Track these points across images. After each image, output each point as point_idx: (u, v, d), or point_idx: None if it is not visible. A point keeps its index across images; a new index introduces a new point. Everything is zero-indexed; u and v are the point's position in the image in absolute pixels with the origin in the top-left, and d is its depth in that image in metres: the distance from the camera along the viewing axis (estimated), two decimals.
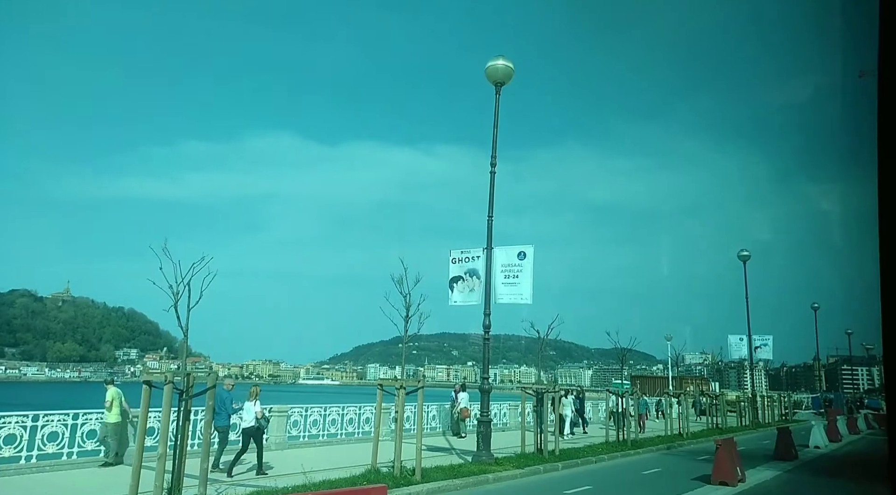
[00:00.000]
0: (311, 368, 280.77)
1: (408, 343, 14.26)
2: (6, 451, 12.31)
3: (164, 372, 9.03)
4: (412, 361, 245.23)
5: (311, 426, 18.76)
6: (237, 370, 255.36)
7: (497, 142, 17.09)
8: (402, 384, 13.15)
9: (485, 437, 15.69)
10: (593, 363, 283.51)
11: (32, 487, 10.77)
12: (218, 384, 11.41)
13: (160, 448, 8.70)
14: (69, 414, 13.50)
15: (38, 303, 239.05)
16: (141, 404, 9.00)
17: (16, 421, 12.64)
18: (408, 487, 11.73)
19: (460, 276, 17.26)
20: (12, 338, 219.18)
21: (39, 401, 56.82)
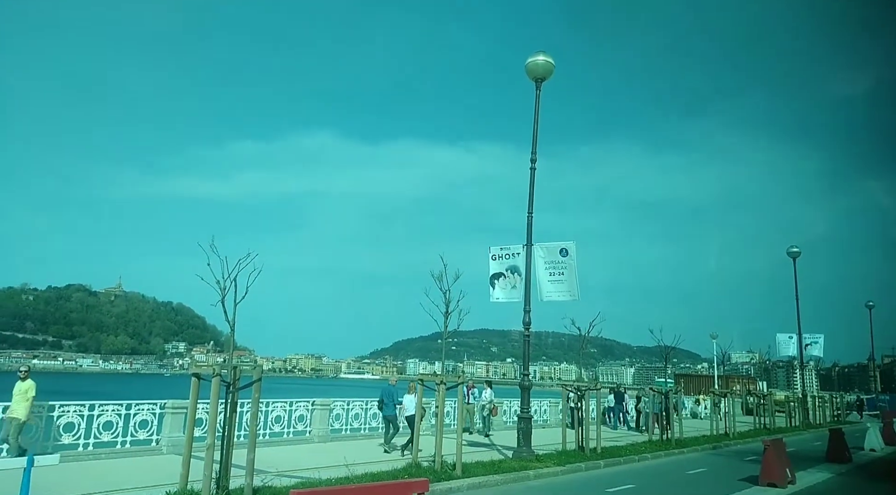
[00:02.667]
0: (351, 363, 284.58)
1: (447, 339, 14.29)
2: (66, 439, 12.89)
3: (212, 364, 9.28)
4: (451, 357, 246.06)
5: (353, 419, 19.03)
6: (280, 363, 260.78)
7: (537, 138, 16.99)
8: (442, 379, 13.21)
9: (525, 434, 15.64)
10: (635, 361, 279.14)
11: (91, 473, 11.24)
12: (386, 380, 16.17)
13: (208, 438, 8.95)
14: (122, 405, 14.03)
15: (92, 298, 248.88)
16: (190, 395, 9.28)
17: (74, 410, 13.21)
18: (448, 481, 11.79)
19: (501, 273, 17.21)
20: (69, 330, 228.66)
21: (95, 392, 59.16)
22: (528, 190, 16.78)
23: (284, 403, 17.27)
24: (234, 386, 9.17)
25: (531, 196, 16.71)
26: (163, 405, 14.55)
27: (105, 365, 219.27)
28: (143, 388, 77.34)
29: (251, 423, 9.62)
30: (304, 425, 17.56)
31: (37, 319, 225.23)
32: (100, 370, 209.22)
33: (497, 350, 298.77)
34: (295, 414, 17.38)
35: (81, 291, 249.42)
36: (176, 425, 14.19)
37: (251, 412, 9.84)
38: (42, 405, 12.86)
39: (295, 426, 17.32)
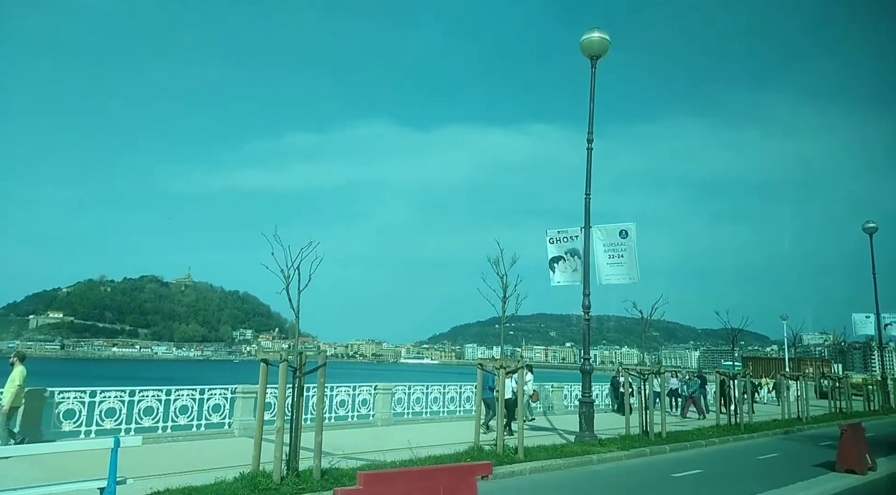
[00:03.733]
0: (411, 348, 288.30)
1: (505, 323, 14.28)
2: (146, 422, 13.64)
3: (278, 350, 9.59)
4: (510, 342, 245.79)
5: (415, 403, 19.33)
6: (342, 349, 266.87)
7: (594, 117, 16.61)
8: (501, 363, 13.22)
9: (587, 418, 15.50)
10: (700, 344, 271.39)
11: (170, 454, 11.87)
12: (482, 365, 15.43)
13: (277, 421, 9.28)
14: (196, 390, 14.72)
15: (164, 288, 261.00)
16: (259, 380, 9.64)
17: (152, 395, 13.95)
18: (511, 465, 11.84)
19: (561, 257, 17.00)
20: (144, 320, 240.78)
21: (169, 378, 62.28)
22: (584, 171, 16.48)
23: (348, 388, 17.71)
24: (301, 371, 9.44)
25: (588, 177, 16.40)
26: (233, 390, 15.19)
27: (178, 352, 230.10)
28: (214, 374, 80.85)
29: (317, 407, 9.90)
30: (367, 409, 17.97)
31: (114, 309, 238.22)
32: (173, 357, 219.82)
33: (556, 334, 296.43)
34: (358, 398, 17.81)
35: (154, 282, 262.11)
36: (246, 409, 14.79)
37: (317, 396, 10.13)
38: (124, 390, 13.66)
39: (359, 410, 17.75)
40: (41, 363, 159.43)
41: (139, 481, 8.58)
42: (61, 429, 12.53)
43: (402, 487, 5.43)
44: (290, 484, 8.91)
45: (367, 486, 5.23)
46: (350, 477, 9.16)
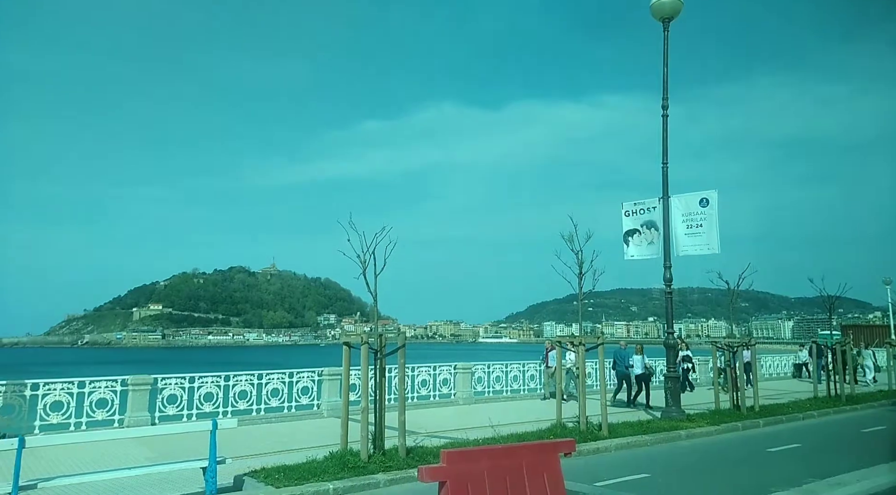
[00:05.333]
0: (489, 327, 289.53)
1: (583, 300, 13.99)
2: (241, 405, 14.41)
3: (360, 333, 9.84)
4: (589, 318, 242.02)
5: (495, 382, 19.43)
6: (422, 330, 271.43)
7: (668, 82, 15.86)
8: (581, 340, 13.03)
9: (673, 393, 15.08)
10: (794, 313, 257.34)
11: (264, 435, 12.51)
12: (617, 345, 18.30)
13: (362, 402, 9.56)
14: (285, 373, 15.39)
15: (251, 278, 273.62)
16: (343, 363, 9.94)
17: (245, 379, 14.71)
18: (595, 442, 11.70)
19: (636, 229, 16.48)
20: (235, 308, 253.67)
21: (261, 362, 65.46)
22: (660, 139, 15.83)
23: (428, 368, 17.98)
24: (382, 353, 9.66)
25: (665, 145, 15.74)
26: (320, 372, 15.78)
27: (267, 338, 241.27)
28: (301, 358, 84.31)
29: (399, 387, 10.12)
30: (448, 388, 18.21)
31: (207, 299, 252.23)
32: (263, 343, 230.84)
33: (637, 309, 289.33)
34: (439, 378, 18.07)
35: (242, 272, 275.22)
36: (333, 390, 15.34)
37: (399, 376, 10.34)
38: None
39: (440, 389, 18.01)
40: (145, 352, 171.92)
41: (237, 461, 9.09)
42: (166, 413, 13.45)
43: (485, 465, 5.46)
44: (377, 462, 9.18)
45: (451, 464, 5.29)
46: (434, 456, 9.34)
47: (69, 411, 12.31)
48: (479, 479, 5.32)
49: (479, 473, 5.34)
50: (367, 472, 8.81)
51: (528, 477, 5.61)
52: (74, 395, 12.44)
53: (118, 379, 13.07)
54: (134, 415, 12.89)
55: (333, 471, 8.70)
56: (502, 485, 5.42)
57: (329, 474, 8.59)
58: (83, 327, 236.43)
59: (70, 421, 12.28)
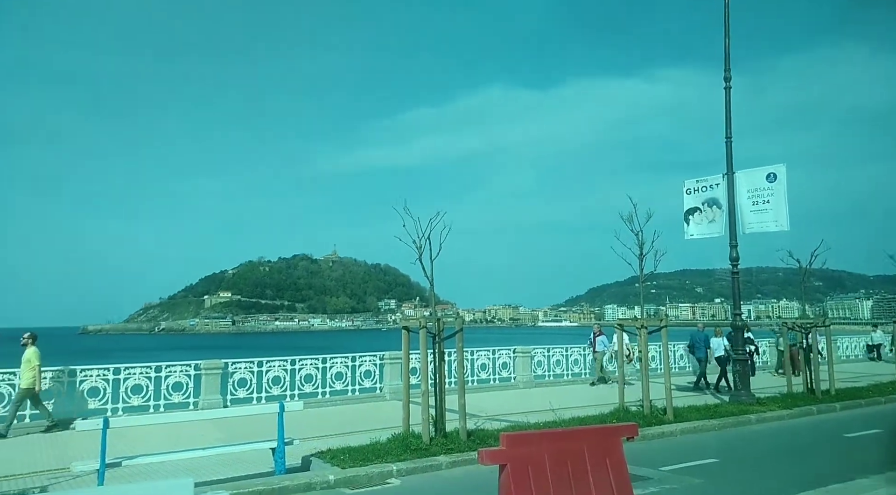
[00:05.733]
0: (548, 311, 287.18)
1: (644, 282, 13.64)
2: (307, 388, 14.88)
3: (418, 318, 9.95)
4: (652, 301, 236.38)
5: (555, 366, 19.31)
6: (480, 315, 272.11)
7: (729, 52, 15.16)
8: (642, 323, 12.76)
9: (742, 376, 14.61)
10: (873, 292, 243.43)
11: (328, 417, 12.87)
12: (695, 328, 18.57)
13: (422, 385, 9.69)
14: (349, 357, 15.77)
15: (314, 265, 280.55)
16: (402, 347, 10.09)
17: (310, 363, 15.16)
18: (660, 426, 11.47)
19: (697, 208, 15.91)
20: (299, 295, 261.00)
21: (325, 347, 67.24)
22: (723, 113, 15.18)
23: (487, 351, 18.05)
24: (440, 337, 9.75)
25: (728, 119, 15.09)
26: (381, 356, 16.10)
27: (331, 323, 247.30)
28: (363, 342, 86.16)
29: (458, 370, 10.20)
30: (508, 372, 18.24)
31: (273, 287, 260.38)
32: (327, 328, 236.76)
33: (702, 290, 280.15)
34: (498, 361, 18.11)
35: (305, 260, 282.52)
36: (394, 374, 15.61)
37: (457, 360, 10.42)
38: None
39: (499, 373, 18.06)
40: (216, 337, 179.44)
41: (304, 442, 9.40)
42: (237, 396, 14.04)
43: (545, 448, 5.44)
44: (439, 444, 9.30)
45: (510, 447, 5.30)
46: (494, 438, 9.39)
47: (148, 394, 13.04)
48: (540, 463, 5.31)
49: (539, 457, 5.33)
50: (429, 454, 8.95)
51: (589, 461, 5.56)
52: (152, 379, 13.17)
53: (192, 364, 13.73)
54: (207, 398, 13.51)
55: (396, 453, 8.88)
56: (563, 469, 5.39)
57: (392, 455, 8.77)
58: (159, 314, 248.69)
59: (149, 404, 13.01)
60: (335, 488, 7.81)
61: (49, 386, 12.15)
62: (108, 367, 12.91)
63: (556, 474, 5.29)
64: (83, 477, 7.96)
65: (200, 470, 8.37)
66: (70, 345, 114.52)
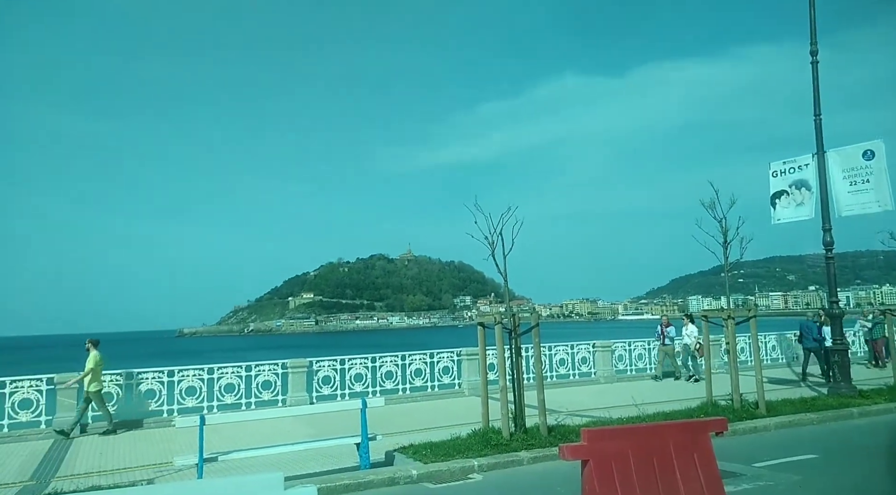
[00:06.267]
0: (628, 304, 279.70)
1: (730, 271, 13.04)
2: (387, 384, 15.20)
3: (493, 314, 9.95)
4: (739, 290, 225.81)
5: (637, 360, 18.80)
6: (557, 309, 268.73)
7: (815, 25, 14.21)
8: (729, 314, 12.21)
9: (842, 368, 13.71)
10: None
11: (409, 412, 13.10)
12: (803, 317, 18.12)
13: (500, 381, 9.68)
14: (427, 354, 15.98)
15: (390, 264, 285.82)
16: (479, 343, 10.12)
17: (390, 360, 15.48)
18: (752, 420, 10.96)
19: (784, 191, 15.03)
20: (378, 294, 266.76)
21: (404, 344, 68.42)
22: (811, 89, 14.25)
23: (566, 347, 17.81)
24: (516, 332, 9.71)
25: (816, 96, 14.15)
26: (459, 352, 16.22)
27: (409, 321, 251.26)
28: (440, 339, 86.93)
29: (536, 366, 10.12)
30: (587, 367, 17.94)
31: (352, 287, 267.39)
32: (405, 325, 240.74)
33: (795, 278, 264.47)
34: (577, 356, 17.83)
35: (382, 260, 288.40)
36: (472, 370, 15.69)
37: (535, 355, 10.34)
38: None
39: (579, 368, 17.79)
40: (301, 337, 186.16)
41: (386, 437, 9.61)
42: (322, 393, 14.53)
43: (629, 443, 5.32)
44: (519, 439, 9.27)
45: (592, 442, 5.21)
46: (576, 434, 9.25)
47: (240, 392, 13.71)
48: (624, 458, 5.20)
49: (622, 452, 5.22)
50: (509, 450, 8.94)
51: (676, 457, 5.39)
52: (243, 378, 13.83)
53: (279, 363, 14.32)
54: (294, 395, 14.06)
55: (477, 448, 8.92)
56: (648, 465, 5.25)
57: (473, 451, 8.82)
58: (248, 316, 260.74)
59: (241, 402, 13.68)
60: (418, 482, 7.94)
61: (110, 389, 12.77)
62: (202, 367, 13.66)
63: (641, 470, 5.17)
64: (184, 471, 8.48)
65: (289, 465, 8.72)
66: (168, 347, 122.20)
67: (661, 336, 18.50)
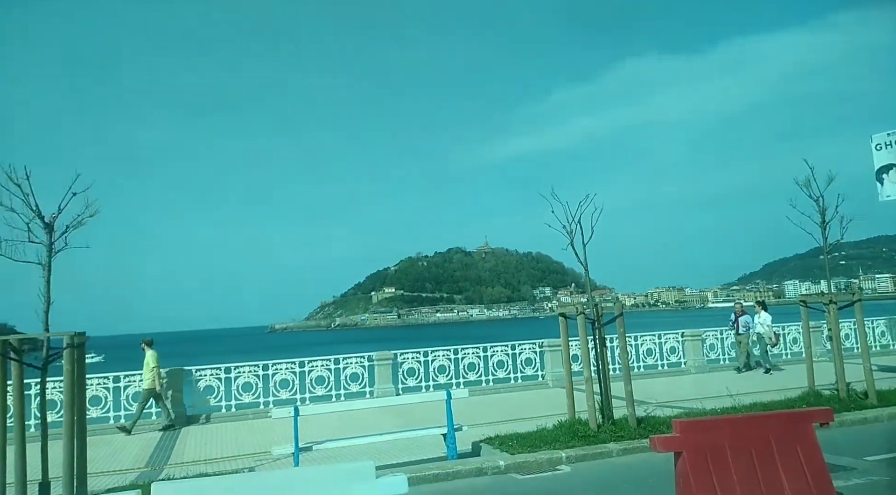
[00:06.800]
0: (718, 291, 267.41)
1: (830, 253, 12.19)
2: (470, 376, 15.31)
3: (575, 304, 9.81)
4: (840, 273, 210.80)
5: (730, 349, 17.99)
6: (642, 298, 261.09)
7: None
8: (831, 298, 11.44)
9: None
10: None
11: (492, 404, 13.14)
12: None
13: (585, 372, 9.53)
14: (508, 345, 15.96)
15: (468, 257, 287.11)
16: (561, 334, 10.00)
17: (472, 352, 15.58)
18: (861, 411, 10.24)
19: (892, 164, 13.91)
20: (456, 287, 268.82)
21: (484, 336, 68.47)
22: None
23: (653, 336, 17.30)
24: (599, 322, 9.52)
25: None
26: (541, 344, 16.10)
27: (489, 313, 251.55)
28: (521, 330, 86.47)
29: (622, 356, 9.89)
30: (676, 357, 17.36)
31: (432, 280, 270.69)
32: (485, 318, 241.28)
33: None
34: (665, 346, 17.29)
35: (459, 253, 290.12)
36: (555, 361, 15.52)
37: (620, 346, 10.11)
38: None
39: (667, 358, 17.25)
40: (385, 331, 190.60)
41: (471, 428, 9.69)
42: (407, 385, 14.83)
43: (725, 435, 5.11)
44: (607, 431, 9.11)
45: (685, 434, 5.05)
46: (667, 425, 8.99)
47: (329, 384, 14.22)
48: (720, 450, 5.01)
49: (718, 444, 5.03)
50: (597, 441, 8.80)
51: (777, 450, 5.14)
52: (332, 371, 14.34)
53: (365, 356, 14.73)
54: (381, 387, 14.43)
55: (564, 440, 8.84)
56: (747, 457, 5.04)
57: (560, 442, 8.75)
58: (334, 311, 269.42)
59: (331, 393, 14.18)
60: (506, 473, 7.96)
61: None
62: (294, 361, 14.27)
63: (739, 462, 4.97)
64: (281, 460, 8.90)
65: (379, 455, 8.97)
66: (261, 342, 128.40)
67: (734, 324, 17.51)
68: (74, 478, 6.78)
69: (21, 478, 6.59)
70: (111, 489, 7.80)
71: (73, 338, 6.97)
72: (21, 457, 6.66)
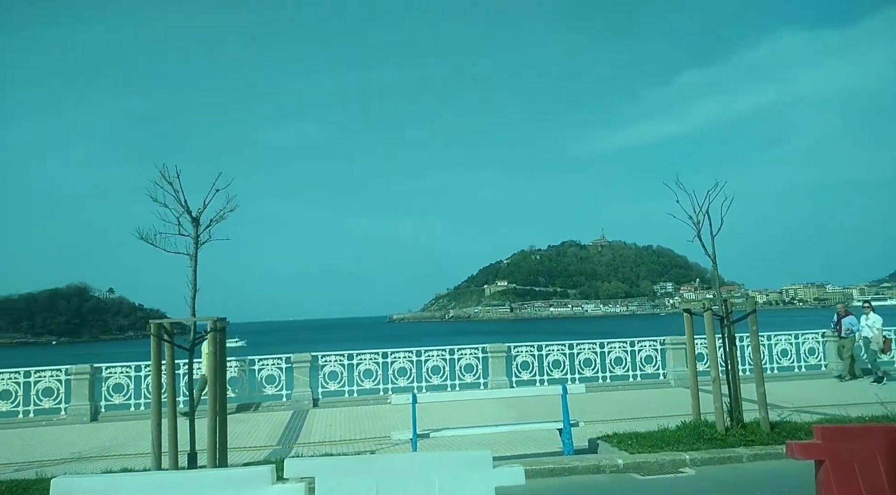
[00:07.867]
0: (865, 288, 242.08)
1: None
2: (587, 372, 15.00)
3: (701, 300, 9.30)
4: None
5: (827, 355, 16.30)
6: (776, 296, 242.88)
7: None
8: None
9: None
10: None
11: (609, 401, 12.80)
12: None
13: (712, 372, 9.01)
14: (626, 342, 15.44)
15: (583, 251, 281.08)
16: (686, 331, 9.51)
17: (588, 347, 15.25)
18: None
19: None
20: (570, 281, 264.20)
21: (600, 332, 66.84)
22: None
23: (788, 336, 16.06)
24: (728, 320, 8.96)
25: None
26: (662, 341, 15.44)
27: (605, 309, 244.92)
28: (640, 327, 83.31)
29: (754, 357, 9.23)
30: (816, 359, 16.05)
31: (545, 274, 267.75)
32: (601, 313, 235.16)
33: None
34: (803, 347, 16.00)
35: (574, 246, 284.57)
36: (678, 359, 14.84)
37: (752, 345, 9.44)
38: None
39: (805, 360, 15.96)
40: (497, 323, 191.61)
41: (588, 425, 9.49)
42: (521, 378, 14.80)
43: (876, 444, 4.62)
44: (737, 435, 8.56)
45: (827, 441, 4.63)
46: (805, 432, 8.31)
47: (445, 374, 14.52)
48: (870, 461, 4.55)
49: (868, 453, 4.57)
50: (725, 445, 8.30)
51: None
52: (447, 361, 14.63)
53: (479, 347, 14.89)
54: (495, 379, 14.52)
55: (688, 441, 8.42)
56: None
57: (684, 444, 8.35)
58: (448, 303, 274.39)
59: (447, 383, 14.47)
60: (625, 473, 7.73)
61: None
62: (411, 350, 14.71)
63: (893, 474, 4.48)
64: (400, 445, 9.22)
65: (494, 445, 9.01)
66: (380, 331, 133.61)
67: (836, 327, 15.79)
68: (217, 451, 7.43)
69: (173, 449, 7.33)
70: (249, 463, 8.47)
71: (216, 322, 7.62)
72: (173, 430, 7.41)
